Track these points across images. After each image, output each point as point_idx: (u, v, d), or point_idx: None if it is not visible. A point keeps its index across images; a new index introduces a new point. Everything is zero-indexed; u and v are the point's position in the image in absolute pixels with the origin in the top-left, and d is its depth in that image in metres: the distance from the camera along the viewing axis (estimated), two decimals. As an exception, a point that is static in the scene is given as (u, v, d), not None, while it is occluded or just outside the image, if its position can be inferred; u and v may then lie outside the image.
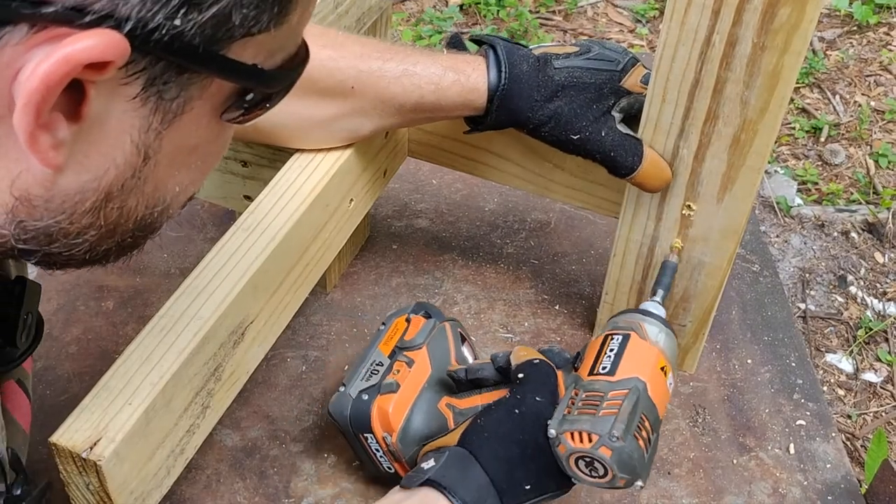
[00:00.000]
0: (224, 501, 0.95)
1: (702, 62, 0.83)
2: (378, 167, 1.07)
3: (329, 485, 0.97)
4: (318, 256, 0.99)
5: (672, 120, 0.88)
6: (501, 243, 1.24)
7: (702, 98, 0.85)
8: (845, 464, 1.02)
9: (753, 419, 1.06)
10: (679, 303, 1.00)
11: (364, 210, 1.08)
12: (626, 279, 1.02)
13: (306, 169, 0.96)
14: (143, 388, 0.75)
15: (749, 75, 0.82)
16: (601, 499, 0.97)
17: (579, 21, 2.03)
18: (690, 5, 0.80)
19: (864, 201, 1.66)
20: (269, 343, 0.92)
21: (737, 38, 0.80)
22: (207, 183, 1.07)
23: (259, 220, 0.91)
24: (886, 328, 1.42)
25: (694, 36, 0.82)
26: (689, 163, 0.90)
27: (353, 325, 1.13)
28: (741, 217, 0.91)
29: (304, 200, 0.93)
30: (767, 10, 0.77)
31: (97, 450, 0.70)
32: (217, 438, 1.01)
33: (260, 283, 0.87)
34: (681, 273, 0.98)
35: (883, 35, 2.09)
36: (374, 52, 0.92)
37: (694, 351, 1.05)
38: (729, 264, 0.95)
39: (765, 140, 0.85)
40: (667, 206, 0.94)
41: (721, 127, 0.86)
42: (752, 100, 0.83)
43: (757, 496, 0.98)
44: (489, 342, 1.12)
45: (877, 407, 1.31)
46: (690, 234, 0.95)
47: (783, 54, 0.79)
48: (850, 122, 1.84)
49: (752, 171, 0.88)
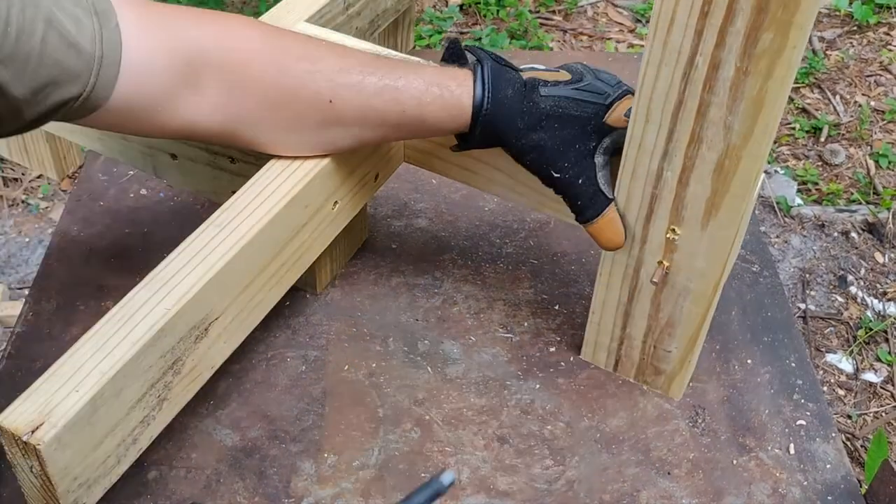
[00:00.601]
0: (224, 501, 0.95)
1: (685, 84, 0.81)
2: (368, 171, 1.07)
3: (329, 485, 0.97)
4: (297, 257, 0.99)
5: (656, 141, 0.87)
6: (501, 243, 1.24)
7: (685, 120, 0.84)
8: (845, 464, 1.02)
9: (753, 420, 1.06)
10: (664, 328, 0.99)
11: (351, 213, 1.08)
12: (613, 300, 1.01)
13: (287, 169, 0.96)
14: (93, 377, 0.76)
15: (732, 100, 0.80)
16: (601, 499, 0.97)
17: (579, 21, 2.03)
18: (673, 24, 0.79)
19: (865, 201, 1.66)
20: (237, 340, 0.93)
21: (720, 61, 0.78)
22: (198, 177, 1.08)
23: (232, 217, 0.91)
24: (886, 328, 1.42)
25: (677, 56, 0.80)
26: (673, 186, 0.88)
27: (353, 324, 1.13)
28: (726, 245, 0.89)
29: (280, 200, 0.93)
30: (750, 34, 0.75)
31: (38, 434, 0.72)
32: (217, 438, 1.01)
33: (227, 279, 0.87)
34: (666, 299, 0.97)
35: (883, 35, 2.09)
36: (355, 66, 0.92)
37: (680, 378, 1.03)
38: (715, 292, 0.94)
39: (749, 168, 0.83)
40: (652, 229, 0.93)
41: (705, 151, 0.84)
42: (736, 125, 0.81)
43: (757, 496, 0.98)
44: (489, 342, 1.12)
45: (877, 407, 1.31)
46: (675, 258, 0.93)
47: (767, 80, 0.77)
48: (850, 122, 1.84)
49: (736, 198, 0.86)
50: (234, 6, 1.88)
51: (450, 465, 0.99)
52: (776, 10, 0.73)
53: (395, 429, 1.02)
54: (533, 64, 0.95)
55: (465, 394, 1.06)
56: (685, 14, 0.78)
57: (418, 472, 0.99)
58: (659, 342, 1.01)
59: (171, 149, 1.07)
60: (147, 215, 1.26)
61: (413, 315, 1.14)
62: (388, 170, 1.12)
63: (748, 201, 0.87)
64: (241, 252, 0.88)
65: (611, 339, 1.05)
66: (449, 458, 1.00)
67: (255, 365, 1.08)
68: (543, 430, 1.03)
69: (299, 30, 1.17)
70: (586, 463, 1.00)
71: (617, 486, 0.99)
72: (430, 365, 1.09)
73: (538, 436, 1.03)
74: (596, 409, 1.06)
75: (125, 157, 1.13)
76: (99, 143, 1.13)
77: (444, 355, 1.10)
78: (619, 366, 1.07)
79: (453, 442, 1.02)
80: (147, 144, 1.09)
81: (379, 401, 1.05)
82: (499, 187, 1.08)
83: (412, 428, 1.03)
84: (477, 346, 1.11)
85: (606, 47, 1.94)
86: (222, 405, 1.04)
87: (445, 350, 1.11)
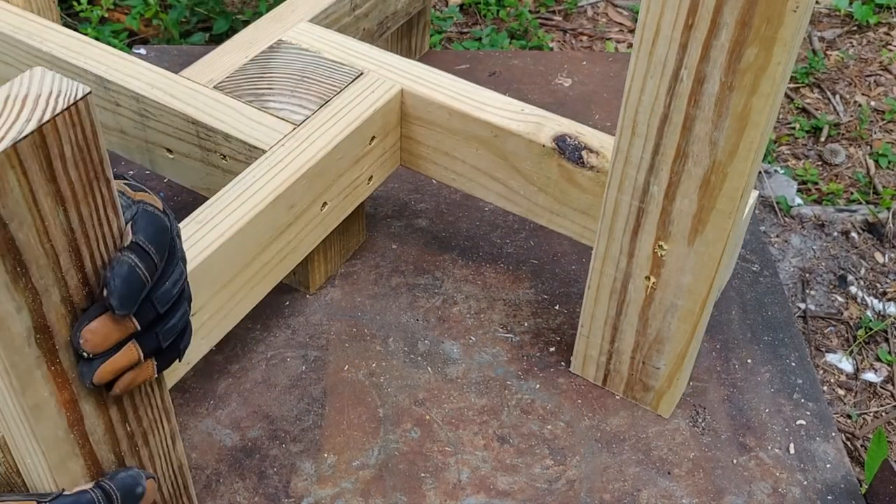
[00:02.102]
0: (224, 501, 0.95)
1: (670, 97, 0.81)
2: (360, 173, 1.07)
3: (329, 485, 0.97)
4: (281, 257, 0.98)
5: (642, 154, 0.86)
6: (501, 243, 1.24)
7: (671, 134, 0.83)
8: (845, 464, 1.02)
9: (753, 419, 1.05)
10: (653, 344, 0.99)
11: (342, 215, 1.07)
12: (601, 313, 1.01)
13: (273, 168, 0.96)
14: None
15: (717, 115, 0.80)
16: (601, 498, 0.97)
17: (579, 21, 2.03)
18: (658, 36, 0.78)
19: (864, 201, 1.66)
20: (216, 336, 0.92)
21: (705, 76, 0.78)
22: (193, 172, 1.08)
23: (214, 214, 0.91)
24: (886, 328, 1.42)
25: (662, 69, 0.80)
26: (660, 201, 0.88)
27: (353, 325, 1.13)
28: (713, 263, 0.89)
29: (263, 199, 0.93)
30: (734, 49, 0.75)
31: None
32: (217, 438, 1.01)
33: (204, 276, 0.87)
34: (654, 314, 0.97)
35: (883, 35, 2.09)
36: None
37: (669, 395, 1.03)
38: (702, 310, 0.93)
39: (735, 185, 0.83)
40: (639, 243, 0.93)
41: (691, 167, 0.84)
42: (721, 141, 0.81)
43: (757, 496, 0.98)
44: (489, 342, 1.12)
45: (877, 407, 1.31)
46: (663, 274, 0.93)
47: (751, 96, 0.77)
48: (850, 121, 1.84)
49: (722, 215, 0.85)
50: (233, 6, 1.88)
51: (450, 465, 0.99)
52: (760, 25, 0.73)
53: (395, 429, 1.02)
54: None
55: (466, 394, 1.06)
56: (669, 26, 0.77)
57: (418, 472, 0.99)
58: (647, 358, 1.01)
59: (168, 143, 1.07)
60: (147, 215, 1.26)
61: (413, 315, 1.14)
62: (383, 172, 1.12)
63: (735, 219, 0.86)
64: (219, 249, 0.88)
65: (599, 352, 1.04)
66: (449, 458, 1.00)
67: (255, 365, 1.08)
68: (544, 429, 1.03)
69: (301, 29, 1.17)
70: (587, 462, 1.00)
71: (617, 485, 0.99)
72: (430, 365, 1.09)
73: (538, 435, 1.03)
74: (596, 408, 1.06)
75: (124, 150, 1.13)
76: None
77: (445, 355, 1.10)
78: (608, 380, 1.07)
79: (453, 442, 1.02)
80: (145, 139, 1.09)
81: (379, 401, 1.05)
82: (493, 195, 1.08)
83: (412, 428, 1.03)
84: (477, 346, 1.11)
85: (606, 47, 1.94)
86: (222, 405, 1.04)
87: (446, 350, 1.11)
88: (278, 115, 1.04)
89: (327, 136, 1.01)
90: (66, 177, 0.55)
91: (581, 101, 1.51)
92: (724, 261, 0.90)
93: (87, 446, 0.68)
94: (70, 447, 0.67)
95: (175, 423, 0.78)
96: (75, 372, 0.63)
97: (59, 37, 1.12)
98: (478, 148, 1.05)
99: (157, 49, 1.59)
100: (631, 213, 0.91)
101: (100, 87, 1.08)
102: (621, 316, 0.99)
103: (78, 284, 0.60)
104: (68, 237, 0.58)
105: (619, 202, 0.91)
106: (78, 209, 0.57)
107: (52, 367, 0.61)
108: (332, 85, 1.08)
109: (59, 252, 0.58)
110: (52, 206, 0.56)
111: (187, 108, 1.04)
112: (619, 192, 0.90)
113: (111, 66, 1.08)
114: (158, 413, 0.75)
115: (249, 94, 1.08)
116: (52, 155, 0.54)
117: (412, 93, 1.07)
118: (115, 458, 0.71)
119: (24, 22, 1.13)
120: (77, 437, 0.67)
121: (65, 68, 1.09)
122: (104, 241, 0.60)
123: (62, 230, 0.57)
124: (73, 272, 0.59)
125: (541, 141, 1.01)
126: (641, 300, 0.96)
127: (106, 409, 0.68)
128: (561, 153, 1.00)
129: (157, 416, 0.75)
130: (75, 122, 0.54)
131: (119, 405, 0.69)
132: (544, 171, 1.02)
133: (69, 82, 0.55)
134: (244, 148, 1.01)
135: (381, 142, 1.08)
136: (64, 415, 0.64)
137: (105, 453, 0.70)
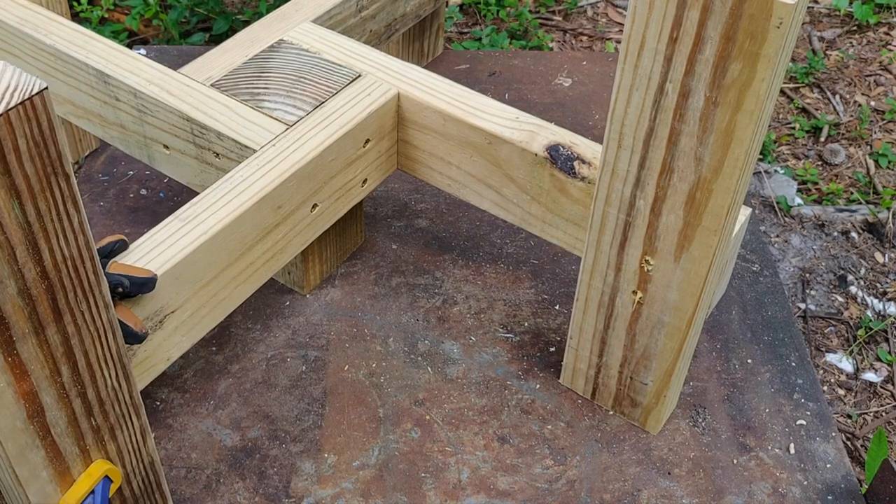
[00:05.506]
0: (224, 501, 0.95)
1: (656, 110, 0.81)
2: (353, 176, 1.06)
3: (329, 485, 0.97)
4: (267, 258, 0.98)
5: (628, 168, 0.86)
6: (501, 243, 1.24)
7: (656, 148, 0.83)
8: (845, 464, 1.02)
9: (753, 419, 1.05)
10: (640, 360, 0.99)
11: (333, 217, 1.07)
12: (589, 326, 1.00)
13: (261, 169, 0.96)
14: None
15: (703, 131, 0.79)
16: (602, 498, 0.97)
17: (579, 21, 2.03)
18: (643, 48, 0.78)
19: (864, 201, 1.66)
20: (197, 334, 0.92)
21: (690, 90, 0.78)
22: (188, 169, 1.08)
23: (199, 212, 0.91)
24: (886, 328, 1.42)
25: (647, 82, 0.79)
26: (646, 215, 0.88)
27: (353, 325, 1.13)
28: (699, 280, 0.88)
29: (249, 199, 0.93)
30: (719, 64, 0.75)
31: None
32: (217, 438, 1.01)
33: (185, 274, 0.87)
34: (641, 330, 0.96)
35: (883, 35, 2.09)
36: None
37: (657, 412, 1.02)
38: (689, 327, 0.93)
39: (721, 203, 0.82)
40: (626, 257, 0.92)
41: (676, 182, 0.84)
42: (707, 157, 0.80)
43: (757, 496, 0.98)
44: (489, 342, 1.12)
45: (877, 407, 1.31)
46: (650, 289, 0.92)
47: (736, 112, 0.77)
48: (850, 121, 1.84)
49: (708, 231, 0.85)
50: (233, 6, 1.88)
51: (450, 465, 0.99)
52: (744, 40, 0.72)
53: (395, 429, 1.02)
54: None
55: (466, 394, 1.06)
56: (654, 38, 0.77)
57: (418, 472, 0.99)
58: (635, 373, 1.00)
59: (164, 140, 1.07)
60: (147, 215, 1.26)
61: (413, 315, 1.14)
62: (379, 176, 1.11)
63: (721, 237, 0.85)
64: (201, 248, 0.88)
65: (588, 365, 1.04)
66: (449, 458, 1.00)
67: (255, 365, 1.08)
68: (544, 429, 1.03)
69: (303, 30, 1.17)
70: (587, 462, 1.00)
71: (618, 485, 0.99)
72: (430, 365, 1.09)
73: (539, 435, 1.03)
74: (596, 408, 1.06)
75: (124, 144, 1.13)
76: (101, 129, 1.14)
77: (445, 355, 1.10)
78: (596, 394, 1.06)
79: (453, 442, 1.02)
80: (143, 134, 1.09)
81: (379, 401, 1.05)
82: (487, 202, 1.07)
83: (412, 428, 1.03)
84: (477, 346, 1.11)
85: (606, 47, 1.94)
86: (222, 405, 1.04)
87: (446, 350, 1.11)
88: (272, 114, 1.04)
89: (319, 138, 1.01)
90: (22, 170, 0.56)
91: (581, 101, 1.51)
92: (712, 279, 0.89)
93: (48, 438, 0.69)
94: (30, 438, 0.67)
95: (145, 419, 0.78)
96: (35, 364, 0.64)
97: (64, 30, 1.12)
98: (472, 154, 1.05)
99: (157, 49, 1.59)
100: (618, 226, 0.90)
101: (100, 82, 1.08)
102: (609, 329, 0.99)
103: (36, 277, 0.60)
104: (25, 230, 0.58)
105: (607, 215, 0.90)
106: (35, 203, 0.58)
107: (9, 357, 0.62)
108: (328, 86, 1.08)
109: (15, 245, 0.58)
110: (7, 198, 0.56)
111: (182, 105, 1.04)
112: (607, 204, 0.90)
113: (112, 60, 1.08)
114: (126, 409, 0.75)
115: (246, 93, 1.08)
116: (6, 149, 0.54)
117: (408, 96, 1.07)
118: (79, 452, 0.71)
119: (32, 14, 1.13)
120: (37, 429, 0.68)
121: (67, 62, 1.09)
122: (64, 236, 0.61)
123: (17, 223, 0.58)
124: (30, 265, 0.60)
125: (533, 150, 1.00)
126: (629, 315, 0.96)
127: (69, 401, 0.69)
128: (553, 163, 0.99)
129: (125, 411, 0.75)
130: (30, 117, 0.55)
131: (83, 398, 0.70)
132: (537, 181, 1.02)
133: (27, 77, 0.55)
134: (236, 146, 1.01)
135: (376, 145, 1.07)
136: (22, 405, 0.65)
137: (69, 446, 0.71)
